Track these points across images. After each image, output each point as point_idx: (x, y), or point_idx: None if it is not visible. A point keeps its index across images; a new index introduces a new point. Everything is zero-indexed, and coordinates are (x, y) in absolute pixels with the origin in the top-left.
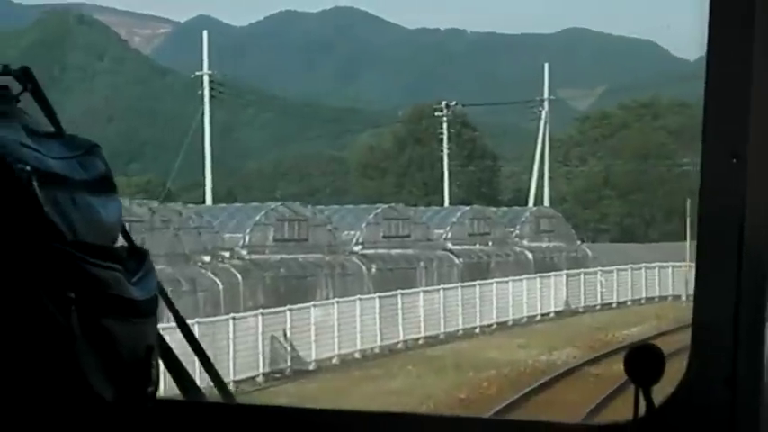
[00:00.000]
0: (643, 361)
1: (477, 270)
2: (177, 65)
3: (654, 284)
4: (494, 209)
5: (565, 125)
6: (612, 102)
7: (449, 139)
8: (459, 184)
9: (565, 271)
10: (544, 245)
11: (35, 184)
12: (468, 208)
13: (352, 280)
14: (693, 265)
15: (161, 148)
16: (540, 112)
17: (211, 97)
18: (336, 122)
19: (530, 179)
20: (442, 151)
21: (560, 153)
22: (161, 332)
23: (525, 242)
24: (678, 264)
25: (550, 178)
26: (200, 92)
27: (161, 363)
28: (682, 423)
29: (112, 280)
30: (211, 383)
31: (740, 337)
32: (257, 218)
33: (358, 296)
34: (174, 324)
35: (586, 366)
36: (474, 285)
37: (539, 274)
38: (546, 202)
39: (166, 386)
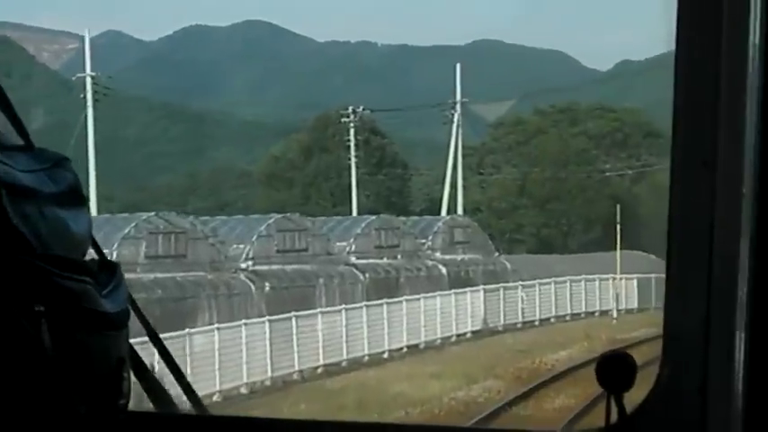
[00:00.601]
0: (615, 368)
1: (384, 287)
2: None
3: (580, 299)
4: (403, 218)
5: (479, 135)
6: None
7: (357, 146)
8: (369, 193)
9: (482, 286)
10: (459, 257)
11: (3, 196)
12: (374, 217)
13: (239, 301)
14: (621, 277)
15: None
16: (453, 115)
17: (95, 101)
18: (247, 136)
19: (442, 188)
20: (349, 159)
21: (474, 161)
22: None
23: (438, 255)
24: (605, 276)
25: (464, 187)
26: (86, 96)
27: (132, 375)
28: (653, 431)
29: (83, 293)
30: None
31: (711, 346)
32: (126, 230)
33: (244, 320)
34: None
35: (514, 407)
36: (381, 304)
37: (453, 291)
38: (459, 212)
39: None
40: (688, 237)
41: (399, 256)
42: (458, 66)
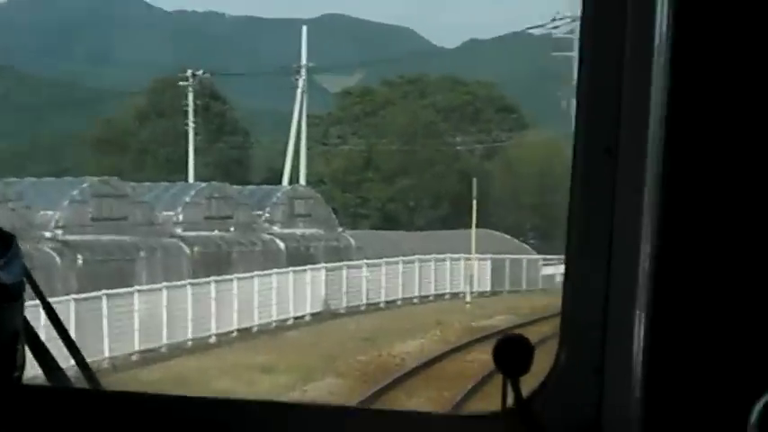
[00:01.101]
0: (511, 352)
1: (214, 263)
2: None
3: (429, 281)
4: (238, 187)
5: (327, 107)
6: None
7: (195, 112)
8: (207, 162)
9: (323, 264)
10: (299, 232)
11: None
12: (204, 185)
13: (43, 276)
14: (476, 257)
15: None
16: (297, 81)
17: None
18: (91, 103)
19: (285, 158)
20: (186, 125)
21: (319, 131)
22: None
23: (276, 228)
24: (456, 256)
25: (308, 158)
26: None
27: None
28: (550, 413)
29: None
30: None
31: (609, 328)
32: None
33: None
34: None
35: None
36: (209, 282)
37: (292, 268)
38: (302, 183)
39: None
40: (589, 221)
41: (233, 229)
42: (304, 28)
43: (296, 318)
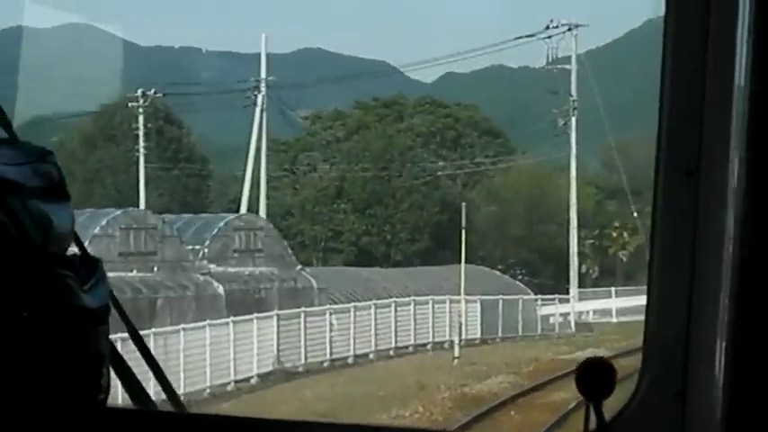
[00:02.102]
0: (594, 376)
1: (133, 312)
2: None
3: (409, 328)
4: (168, 216)
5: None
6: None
7: (147, 136)
8: (162, 191)
9: (276, 311)
10: (247, 271)
11: None
12: (119, 212)
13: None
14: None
15: None
16: (255, 97)
17: None
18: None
19: (242, 186)
20: (138, 151)
21: (287, 158)
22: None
23: (215, 267)
24: (440, 298)
25: (275, 188)
26: None
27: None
28: None
29: (64, 288)
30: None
31: (691, 351)
32: None
33: None
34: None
35: None
36: (115, 340)
37: (232, 318)
38: (263, 215)
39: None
40: (670, 245)
41: (156, 268)
42: (262, 36)
43: (238, 381)
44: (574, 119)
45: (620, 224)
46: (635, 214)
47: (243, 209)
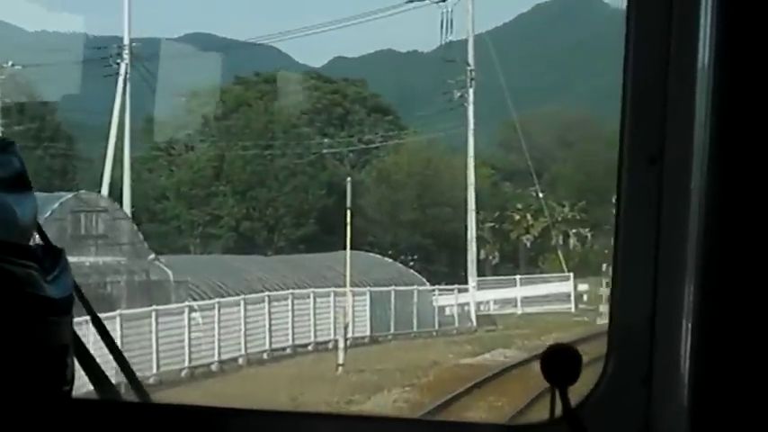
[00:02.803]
0: (560, 362)
1: None
2: None
3: (286, 326)
4: None
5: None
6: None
7: (5, 112)
8: None
9: (120, 311)
10: (87, 261)
11: None
12: None
13: None
14: (351, 291)
15: None
16: (118, 66)
17: None
18: None
19: (109, 166)
20: None
21: (161, 137)
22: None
23: None
24: (322, 290)
25: (150, 170)
26: None
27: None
28: (598, 422)
29: (28, 278)
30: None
31: (657, 338)
32: None
33: None
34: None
35: None
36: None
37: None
38: (127, 200)
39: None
40: (635, 230)
41: None
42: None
43: None
44: (471, 91)
45: (524, 206)
46: (540, 194)
47: (104, 191)
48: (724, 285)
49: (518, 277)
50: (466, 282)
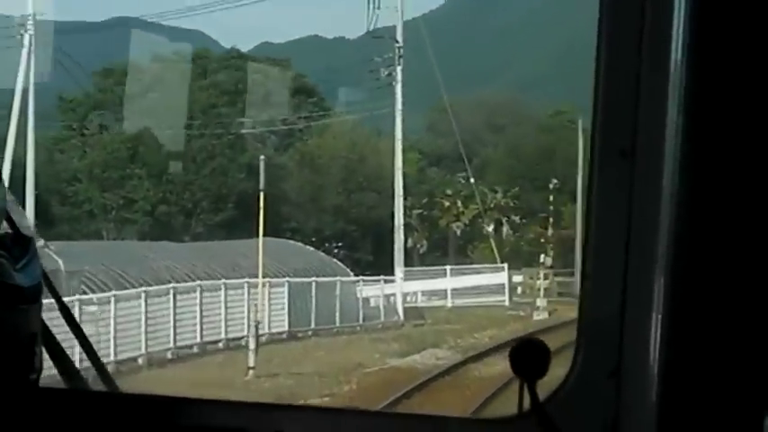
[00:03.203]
0: (528, 355)
1: None
2: None
3: (194, 321)
4: None
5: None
6: None
7: None
8: None
9: None
10: None
11: None
12: None
13: None
14: (264, 282)
15: None
16: (22, 37)
17: None
18: None
19: (11, 144)
20: None
21: (75, 117)
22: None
23: None
24: (234, 282)
25: (62, 150)
26: None
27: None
28: (567, 416)
29: None
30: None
31: (626, 332)
32: None
33: None
34: None
35: None
36: None
37: None
38: (30, 181)
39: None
40: (605, 224)
41: None
42: None
43: None
44: (399, 69)
45: (454, 192)
46: (471, 180)
47: (4, 172)
48: (694, 279)
49: (448, 267)
50: (392, 271)
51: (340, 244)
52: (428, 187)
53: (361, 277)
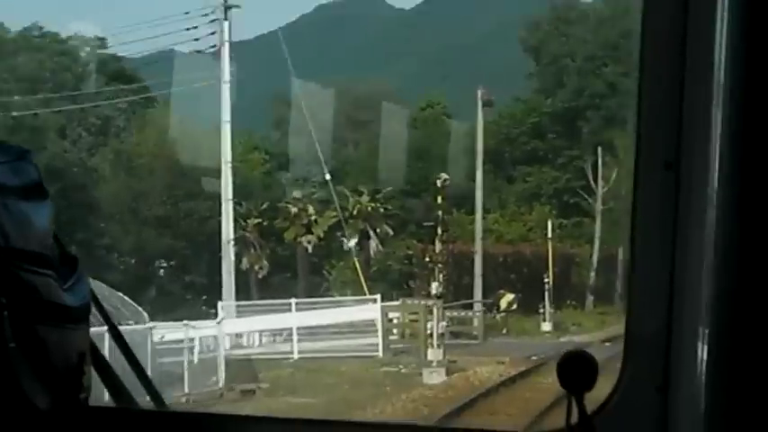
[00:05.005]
0: (576, 369)
1: None
2: None
3: None
4: None
5: None
6: None
7: None
8: None
9: None
10: None
11: None
12: None
13: None
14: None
15: None
16: None
17: None
18: None
19: None
20: None
21: None
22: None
23: None
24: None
25: None
26: None
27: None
28: (614, 430)
29: (45, 286)
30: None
31: (673, 346)
32: None
33: None
34: None
35: None
36: None
37: None
38: None
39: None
40: (651, 239)
41: None
42: None
43: None
44: (227, 25)
45: (304, 195)
46: (327, 176)
47: None
48: (741, 292)
49: (294, 301)
50: (216, 305)
51: (165, 264)
52: (278, 195)
53: (154, 322)
